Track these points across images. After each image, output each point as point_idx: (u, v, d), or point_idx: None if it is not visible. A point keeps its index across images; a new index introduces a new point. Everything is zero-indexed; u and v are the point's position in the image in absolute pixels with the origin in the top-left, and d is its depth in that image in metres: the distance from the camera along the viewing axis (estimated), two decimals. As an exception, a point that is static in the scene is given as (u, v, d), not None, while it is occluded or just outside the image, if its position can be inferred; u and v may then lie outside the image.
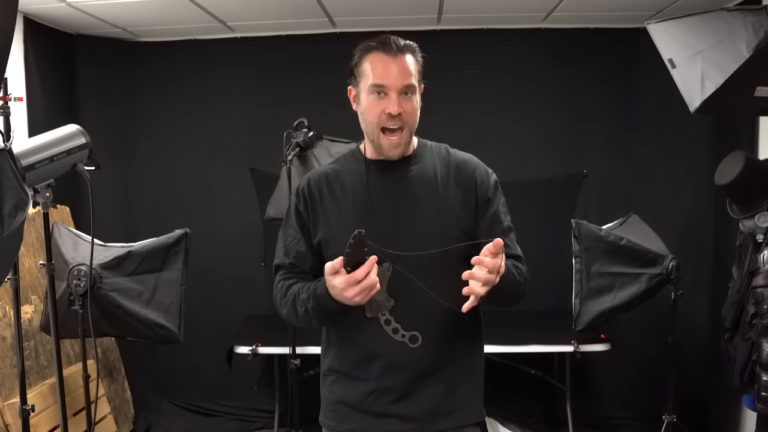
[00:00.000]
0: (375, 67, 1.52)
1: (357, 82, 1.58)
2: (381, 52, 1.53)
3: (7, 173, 1.34)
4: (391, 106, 1.51)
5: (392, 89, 1.51)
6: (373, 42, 1.55)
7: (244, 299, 4.00)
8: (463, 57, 3.92)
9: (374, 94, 1.53)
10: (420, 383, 1.56)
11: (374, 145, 1.58)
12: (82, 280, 2.45)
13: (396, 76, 1.51)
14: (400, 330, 1.53)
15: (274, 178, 3.25)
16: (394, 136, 1.54)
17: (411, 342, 1.53)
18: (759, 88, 2.31)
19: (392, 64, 1.51)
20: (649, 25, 2.51)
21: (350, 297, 1.38)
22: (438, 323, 1.56)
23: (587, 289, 2.86)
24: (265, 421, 3.86)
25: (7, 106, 2.27)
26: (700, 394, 3.53)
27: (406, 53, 1.54)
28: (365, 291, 1.38)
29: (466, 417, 1.61)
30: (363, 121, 1.59)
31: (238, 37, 4.04)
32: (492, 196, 1.62)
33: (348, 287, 1.37)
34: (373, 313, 1.53)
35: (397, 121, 1.53)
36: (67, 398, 2.47)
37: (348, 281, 1.37)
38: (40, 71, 3.53)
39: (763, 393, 2.34)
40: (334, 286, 1.39)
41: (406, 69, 1.52)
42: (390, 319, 1.53)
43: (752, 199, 2.50)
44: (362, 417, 1.58)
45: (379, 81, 1.51)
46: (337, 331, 1.63)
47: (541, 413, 3.88)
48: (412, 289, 1.51)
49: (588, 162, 3.95)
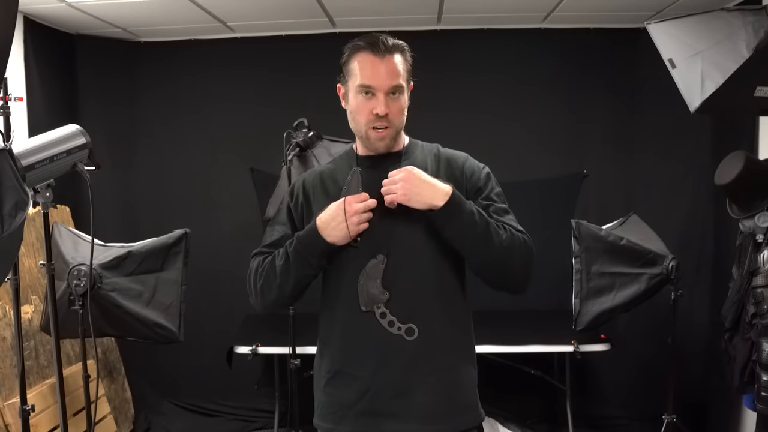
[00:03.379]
0: (363, 67, 1.53)
1: (346, 80, 1.59)
2: (369, 52, 1.53)
3: (7, 173, 1.34)
4: (378, 106, 1.52)
5: (380, 90, 1.53)
6: (361, 42, 1.55)
7: (245, 299, 3.97)
8: (463, 57, 3.92)
9: (362, 94, 1.54)
10: (416, 380, 1.54)
11: (362, 140, 1.61)
12: (82, 280, 2.45)
13: (384, 77, 1.52)
14: (396, 323, 1.53)
15: (274, 178, 3.26)
16: (381, 131, 1.57)
17: (407, 335, 1.52)
18: (759, 88, 2.31)
19: (380, 64, 1.52)
20: (649, 25, 2.51)
21: (350, 214, 1.47)
22: (433, 316, 1.56)
23: (587, 289, 2.86)
24: (265, 421, 3.86)
25: (7, 106, 2.27)
26: (700, 394, 3.53)
27: (395, 53, 1.55)
28: (364, 211, 1.48)
29: (466, 419, 1.60)
30: (352, 120, 1.61)
31: (238, 37, 4.04)
32: (483, 185, 1.62)
33: (354, 203, 1.48)
34: (368, 307, 1.53)
35: (384, 122, 1.55)
36: (67, 398, 2.47)
37: (359, 197, 1.50)
38: (40, 71, 3.53)
39: (763, 393, 2.34)
40: (334, 207, 1.51)
41: (393, 69, 1.53)
42: (385, 312, 1.53)
43: (752, 199, 2.50)
44: (359, 418, 1.57)
45: (366, 82, 1.53)
46: (332, 329, 1.62)
47: (541, 413, 3.88)
48: (407, 281, 1.53)
49: (588, 162, 3.95)
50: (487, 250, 1.50)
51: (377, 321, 1.53)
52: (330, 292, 1.63)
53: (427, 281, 1.56)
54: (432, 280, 1.56)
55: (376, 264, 1.52)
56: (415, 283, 1.54)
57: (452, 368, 1.58)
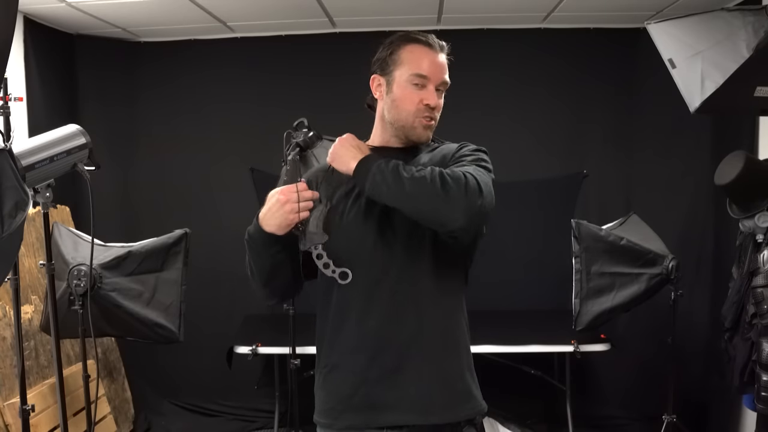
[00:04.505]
0: (419, 57, 1.56)
1: (390, 70, 1.59)
2: (423, 45, 1.58)
3: (7, 173, 1.34)
4: (430, 97, 1.55)
5: (432, 82, 1.56)
6: (409, 34, 1.59)
7: (244, 299, 3.99)
8: (463, 57, 3.88)
9: (413, 84, 1.56)
10: (409, 371, 1.52)
11: (405, 129, 1.60)
12: (82, 280, 2.45)
13: (440, 71, 1.57)
14: (331, 265, 1.52)
15: (274, 178, 3.25)
16: (429, 120, 1.59)
17: (341, 278, 1.51)
18: (759, 88, 2.31)
19: (437, 58, 1.58)
20: (649, 25, 2.51)
21: (282, 203, 1.46)
22: (424, 307, 1.53)
23: (587, 289, 2.86)
24: (265, 421, 3.86)
25: (7, 106, 2.27)
26: (700, 394, 3.53)
27: (444, 52, 1.61)
28: (295, 201, 1.47)
29: (464, 409, 1.57)
30: (395, 109, 1.59)
31: (238, 37, 4.04)
32: (456, 151, 1.60)
33: (288, 192, 1.47)
34: (305, 246, 1.53)
35: (432, 113, 1.58)
36: (67, 398, 2.47)
37: (290, 188, 1.48)
38: (40, 71, 3.53)
39: (763, 393, 2.34)
40: (274, 195, 1.49)
41: (445, 66, 1.60)
42: (322, 253, 1.52)
43: (752, 199, 2.50)
44: (356, 411, 1.55)
45: (422, 71, 1.55)
46: (325, 324, 1.62)
47: (541, 413, 3.88)
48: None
49: (588, 162, 3.95)
50: (405, 199, 1.45)
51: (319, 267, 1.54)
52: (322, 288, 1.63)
53: (420, 269, 1.54)
54: (424, 269, 1.54)
55: (320, 208, 1.53)
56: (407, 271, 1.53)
57: (446, 358, 1.57)
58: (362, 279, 1.53)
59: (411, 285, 1.54)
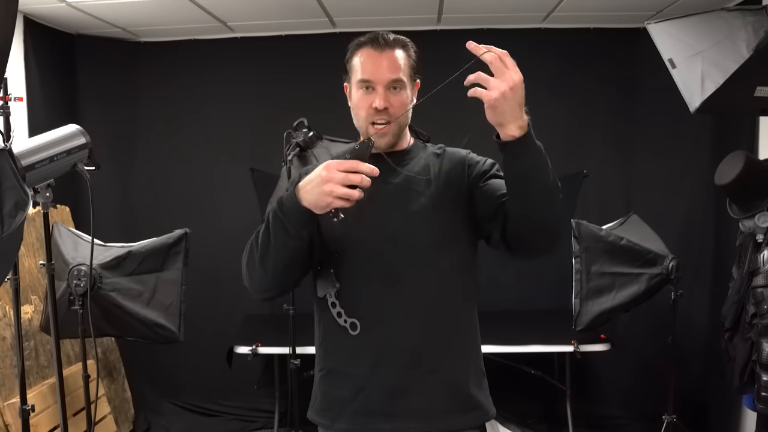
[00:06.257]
0: (363, 62, 1.54)
1: (349, 78, 1.59)
2: (369, 47, 1.54)
3: (7, 173, 1.34)
4: (377, 100, 1.51)
5: (379, 84, 1.52)
6: (362, 38, 1.56)
7: (244, 299, 3.96)
8: (463, 57, 3.88)
9: (362, 89, 1.54)
10: (413, 380, 1.51)
11: (364, 135, 1.58)
12: (82, 280, 2.45)
13: (383, 71, 1.52)
14: (343, 315, 1.51)
15: (274, 178, 3.25)
16: (381, 126, 1.54)
17: (351, 329, 1.51)
18: (759, 88, 2.31)
19: (379, 58, 1.52)
20: (649, 25, 2.51)
21: (325, 180, 1.31)
22: (433, 314, 1.52)
23: (587, 289, 2.86)
24: (265, 421, 3.86)
25: (7, 106, 2.27)
26: (700, 394, 3.53)
27: (396, 48, 1.55)
28: (345, 182, 1.30)
29: (466, 419, 1.56)
30: (354, 116, 1.59)
31: (238, 37, 4.04)
32: (489, 167, 1.60)
33: (336, 168, 1.31)
34: (321, 293, 1.53)
35: (384, 116, 1.53)
36: (67, 398, 2.47)
37: (345, 164, 1.31)
38: (40, 71, 3.53)
39: (763, 393, 2.34)
40: (323, 170, 1.32)
41: (394, 63, 1.53)
42: (335, 302, 1.51)
43: (752, 199, 2.50)
44: (354, 416, 1.54)
45: (366, 76, 1.53)
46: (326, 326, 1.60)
47: (541, 413, 3.88)
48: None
49: (588, 162, 3.95)
50: (548, 193, 1.44)
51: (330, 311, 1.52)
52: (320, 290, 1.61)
53: (428, 278, 1.53)
54: (432, 278, 1.53)
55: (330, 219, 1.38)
56: (415, 280, 1.51)
57: (452, 368, 1.55)
58: (367, 280, 1.51)
59: (418, 292, 1.52)
